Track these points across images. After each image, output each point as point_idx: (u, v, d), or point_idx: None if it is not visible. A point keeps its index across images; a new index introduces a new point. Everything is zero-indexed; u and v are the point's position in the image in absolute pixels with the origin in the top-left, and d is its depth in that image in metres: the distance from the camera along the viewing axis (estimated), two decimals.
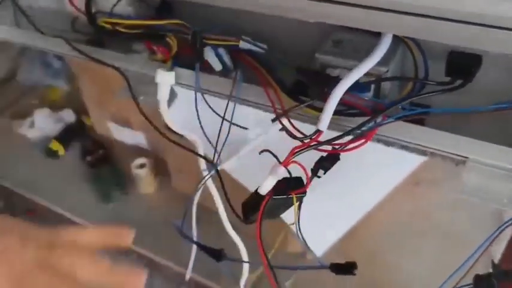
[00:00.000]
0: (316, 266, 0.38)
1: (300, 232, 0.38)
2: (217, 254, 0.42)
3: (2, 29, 0.66)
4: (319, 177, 0.38)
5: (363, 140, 0.39)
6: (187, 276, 1.00)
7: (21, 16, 0.68)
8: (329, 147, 0.39)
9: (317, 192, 0.44)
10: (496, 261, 0.54)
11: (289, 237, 1.13)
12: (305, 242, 0.39)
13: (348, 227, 1.10)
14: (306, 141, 0.39)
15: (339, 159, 0.38)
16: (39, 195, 1.31)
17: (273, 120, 0.38)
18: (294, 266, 0.42)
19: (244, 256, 0.64)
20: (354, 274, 0.36)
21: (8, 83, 1.70)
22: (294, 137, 0.39)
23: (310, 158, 0.40)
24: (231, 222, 0.64)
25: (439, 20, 0.34)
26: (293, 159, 0.37)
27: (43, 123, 1.64)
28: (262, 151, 0.49)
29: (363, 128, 0.39)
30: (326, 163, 0.38)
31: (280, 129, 0.41)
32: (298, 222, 0.38)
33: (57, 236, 0.37)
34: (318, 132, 0.39)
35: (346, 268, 0.36)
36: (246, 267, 0.71)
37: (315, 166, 0.38)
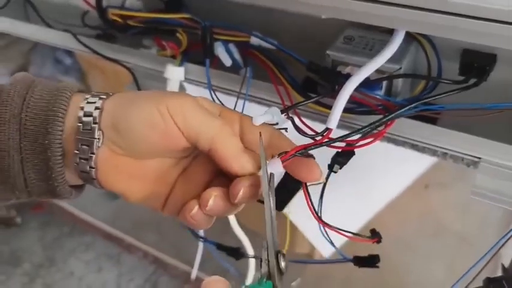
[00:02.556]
0: (339, 260, 0.37)
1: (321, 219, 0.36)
2: (235, 253, 0.42)
3: (11, 22, 0.65)
4: (335, 172, 0.37)
5: (371, 139, 0.39)
6: (193, 275, 0.99)
7: (31, 10, 0.68)
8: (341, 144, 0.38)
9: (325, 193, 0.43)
10: (506, 265, 0.53)
11: (296, 238, 1.13)
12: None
13: (357, 229, 1.10)
14: (317, 138, 0.38)
15: (354, 154, 0.37)
16: None
17: (282, 112, 0.38)
18: (317, 260, 0.41)
19: (250, 253, 0.64)
20: (377, 267, 0.35)
21: None
22: (303, 134, 0.39)
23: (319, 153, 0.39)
24: (236, 219, 0.63)
25: (454, 16, 0.34)
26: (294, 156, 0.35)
27: None
28: None
29: (374, 126, 0.38)
30: (341, 158, 0.37)
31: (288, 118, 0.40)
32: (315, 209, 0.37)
33: None
34: (328, 130, 0.38)
35: (369, 261, 0.35)
36: (252, 265, 0.70)
37: (331, 162, 0.38)
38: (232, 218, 0.63)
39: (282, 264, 0.32)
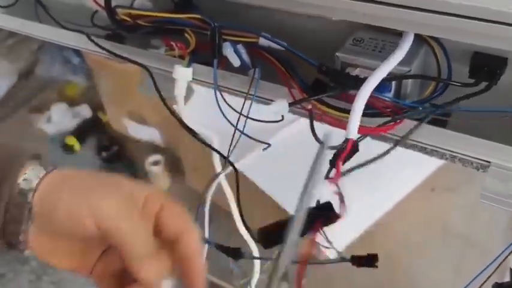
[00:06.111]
0: (336, 260, 0.37)
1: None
2: (234, 253, 0.42)
3: (22, 22, 0.66)
4: None
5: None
6: None
7: (41, 10, 0.68)
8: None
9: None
10: None
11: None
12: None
13: (362, 231, 1.09)
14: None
15: (357, 150, 0.37)
16: None
17: (290, 104, 0.37)
18: (313, 260, 0.41)
19: (256, 256, 0.63)
20: (376, 267, 0.35)
21: (27, 77, 1.72)
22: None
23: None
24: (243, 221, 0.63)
25: (464, 18, 0.34)
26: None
27: (60, 118, 1.67)
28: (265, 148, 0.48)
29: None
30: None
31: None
32: None
33: None
34: (348, 140, 0.37)
35: (367, 260, 0.35)
36: (257, 267, 0.70)
37: (333, 158, 0.37)
38: (238, 219, 0.63)
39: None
